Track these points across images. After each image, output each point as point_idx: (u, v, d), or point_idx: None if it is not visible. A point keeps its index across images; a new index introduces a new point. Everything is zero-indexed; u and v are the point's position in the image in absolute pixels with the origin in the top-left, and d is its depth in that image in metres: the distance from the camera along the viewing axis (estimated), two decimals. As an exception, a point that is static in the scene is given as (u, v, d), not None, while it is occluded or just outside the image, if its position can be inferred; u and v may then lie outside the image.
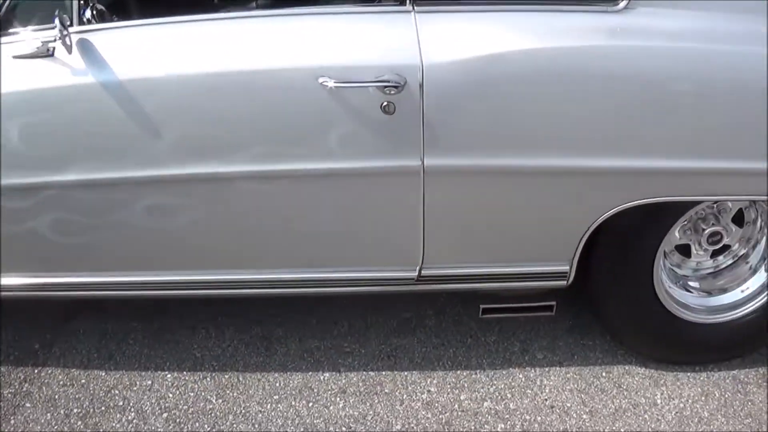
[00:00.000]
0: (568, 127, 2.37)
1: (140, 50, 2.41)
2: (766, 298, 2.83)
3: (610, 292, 2.82)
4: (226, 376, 2.98)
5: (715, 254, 2.90)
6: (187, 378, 2.97)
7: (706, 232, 2.74)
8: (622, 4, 2.33)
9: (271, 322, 3.26)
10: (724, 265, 2.93)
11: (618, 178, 2.45)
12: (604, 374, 2.95)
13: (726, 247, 2.87)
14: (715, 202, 2.69)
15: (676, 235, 2.77)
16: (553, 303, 2.79)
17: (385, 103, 2.33)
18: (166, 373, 3.00)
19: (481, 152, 2.41)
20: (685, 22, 2.34)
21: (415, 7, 2.36)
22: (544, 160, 2.41)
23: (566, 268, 2.66)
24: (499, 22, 2.35)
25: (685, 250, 2.87)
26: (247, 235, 2.64)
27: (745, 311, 2.85)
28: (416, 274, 2.67)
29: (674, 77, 2.33)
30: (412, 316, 3.30)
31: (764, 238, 2.84)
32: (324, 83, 2.30)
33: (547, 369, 2.99)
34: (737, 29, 2.35)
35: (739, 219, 2.81)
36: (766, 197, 2.51)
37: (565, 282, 2.70)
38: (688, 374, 2.94)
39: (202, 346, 3.14)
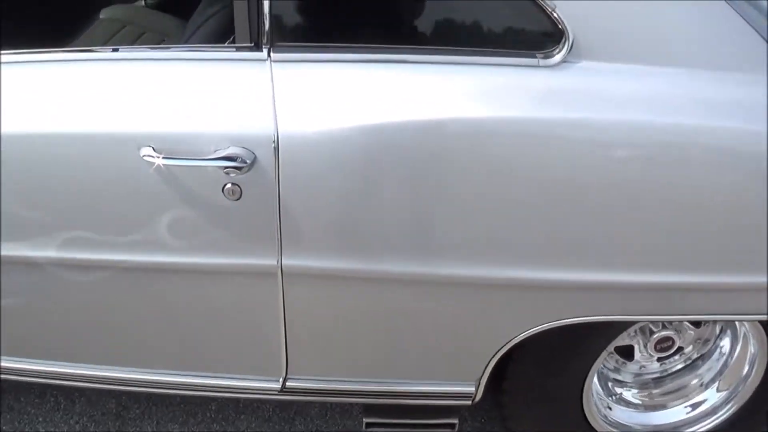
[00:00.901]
0: (472, 227, 1.76)
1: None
2: (717, 420, 2.28)
3: (527, 414, 2.25)
4: (69, 464, 2.48)
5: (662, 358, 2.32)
6: (26, 461, 2.48)
7: (655, 336, 2.17)
8: (557, 57, 1.67)
9: (128, 395, 2.70)
10: (673, 370, 2.35)
11: (539, 293, 1.86)
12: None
13: (679, 350, 2.28)
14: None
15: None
16: (455, 421, 2.22)
17: (229, 186, 1.74)
18: (5, 452, 2.52)
19: (356, 252, 1.82)
20: (644, 84, 1.68)
21: (272, 54, 1.72)
22: (442, 267, 1.82)
23: (471, 389, 2.08)
24: (386, 77, 1.71)
25: (626, 351, 2.28)
26: (82, 328, 2.09)
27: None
28: (280, 386, 2.11)
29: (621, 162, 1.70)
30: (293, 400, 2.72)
31: (718, 350, 2.27)
32: (147, 157, 1.68)
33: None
34: (717, 95, 1.68)
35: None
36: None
37: (469, 402, 2.12)
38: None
39: (48, 419, 2.64)
